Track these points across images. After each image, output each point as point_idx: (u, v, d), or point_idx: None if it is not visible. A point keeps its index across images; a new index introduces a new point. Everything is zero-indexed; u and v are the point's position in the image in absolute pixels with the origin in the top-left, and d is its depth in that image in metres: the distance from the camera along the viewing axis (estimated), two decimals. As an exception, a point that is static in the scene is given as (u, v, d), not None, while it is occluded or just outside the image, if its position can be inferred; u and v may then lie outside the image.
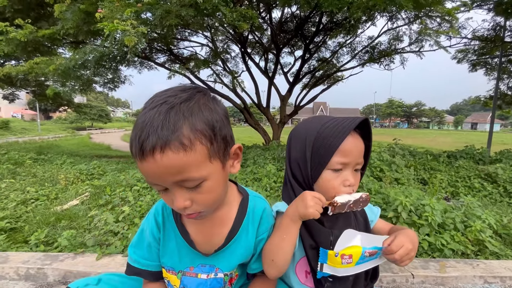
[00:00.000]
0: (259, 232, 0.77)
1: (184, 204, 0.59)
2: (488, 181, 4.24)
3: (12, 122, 24.49)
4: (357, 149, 0.78)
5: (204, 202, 0.61)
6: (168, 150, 0.52)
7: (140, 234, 0.79)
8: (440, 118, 74.91)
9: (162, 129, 0.52)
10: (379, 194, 2.75)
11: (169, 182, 0.56)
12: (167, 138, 0.52)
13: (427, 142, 20.24)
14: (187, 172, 0.55)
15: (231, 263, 0.76)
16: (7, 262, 1.62)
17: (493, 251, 1.97)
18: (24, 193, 3.13)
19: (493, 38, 8.43)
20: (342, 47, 9.21)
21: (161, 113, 0.53)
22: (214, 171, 0.60)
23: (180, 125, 0.53)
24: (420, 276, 1.57)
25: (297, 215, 0.70)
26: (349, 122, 0.76)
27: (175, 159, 0.53)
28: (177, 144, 0.52)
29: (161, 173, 0.54)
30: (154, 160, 0.52)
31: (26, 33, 4.83)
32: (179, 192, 0.58)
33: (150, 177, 0.57)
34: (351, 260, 0.68)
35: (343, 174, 0.76)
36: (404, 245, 0.68)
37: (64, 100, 11.00)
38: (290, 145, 0.86)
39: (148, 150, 0.52)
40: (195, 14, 4.13)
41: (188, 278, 0.75)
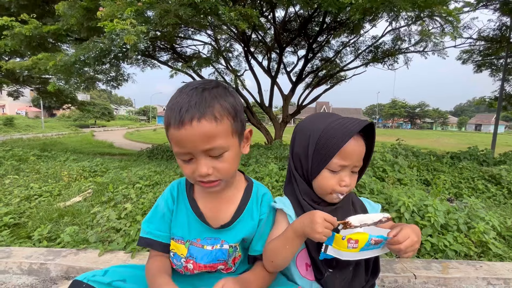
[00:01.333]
0: (261, 213, 0.86)
1: (207, 171, 0.69)
2: (492, 182, 4.20)
3: (16, 119, 24.70)
4: (358, 152, 0.79)
5: (223, 171, 0.72)
6: (204, 120, 0.65)
7: (155, 209, 0.87)
8: (443, 119, 74.37)
9: (200, 104, 0.66)
10: (381, 195, 2.74)
11: (198, 149, 0.67)
12: (204, 111, 0.66)
13: (430, 143, 20.11)
14: (216, 140, 0.67)
15: (237, 236, 0.83)
16: (11, 257, 1.63)
17: (497, 253, 1.95)
18: (28, 189, 3.15)
19: (499, 38, 8.34)
20: (346, 47, 9.17)
21: (198, 94, 0.68)
22: (234, 144, 0.73)
23: (213, 103, 0.68)
24: (422, 277, 1.56)
25: (302, 232, 0.70)
26: (353, 125, 0.76)
27: (208, 128, 0.66)
28: (211, 116, 0.66)
29: (195, 140, 0.66)
30: (192, 127, 0.65)
31: (31, 28, 4.86)
32: (204, 160, 0.69)
33: (183, 144, 0.67)
34: (356, 245, 0.69)
35: (341, 174, 0.79)
36: (410, 237, 0.68)
37: (67, 98, 11.06)
38: (294, 139, 0.88)
39: (187, 120, 0.65)
40: (193, 13, 4.13)
41: (195, 247, 0.82)
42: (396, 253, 0.71)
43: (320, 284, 0.80)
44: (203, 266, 0.81)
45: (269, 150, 6.06)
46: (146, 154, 8.15)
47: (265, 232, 0.85)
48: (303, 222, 0.70)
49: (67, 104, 12.26)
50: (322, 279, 0.79)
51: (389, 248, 0.71)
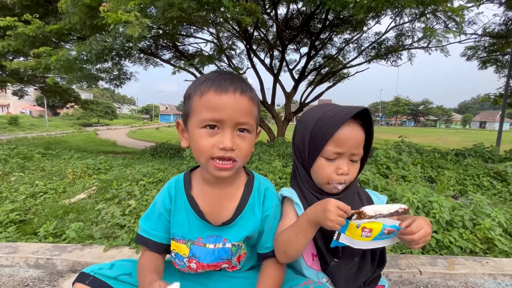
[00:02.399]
0: (264, 209, 0.83)
1: (232, 145, 0.69)
2: (498, 179, 4.16)
3: (20, 118, 24.93)
4: (354, 139, 0.77)
5: (243, 151, 0.72)
6: (246, 95, 0.70)
7: (152, 207, 0.86)
8: (447, 116, 73.75)
9: (242, 83, 0.72)
10: (385, 191, 2.72)
11: (233, 120, 0.69)
12: (246, 89, 0.72)
13: (434, 141, 19.96)
14: (249, 118, 0.71)
15: (239, 234, 0.81)
16: (17, 252, 1.65)
17: (503, 250, 1.93)
18: (33, 186, 3.18)
19: (504, 33, 8.22)
20: (349, 44, 9.10)
21: (235, 77, 0.73)
22: (254, 132, 0.76)
23: (250, 88, 0.74)
24: (427, 273, 1.56)
25: (315, 221, 0.69)
26: (346, 112, 0.75)
27: (248, 103, 0.71)
28: (251, 95, 0.72)
29: (234, 109, 0.68)
30: (234, 96, 0.68)
31: (34, 28, 4.89)
32: (231, 134, 0.70)
33: (220, 111, 0.68)
34: (370, 234, 0.69)
35: (337, 162, 0.77)
36: (423, 228, 0.69)
37: (71, 97, 11.14)
38: (294, 131, 0.89)
39: (232, 89, 0.68)
40: (197, 7, 4.12)
41: (197, 247, 0.80)
42: (407, 244, 0.70)
43: (326, 274, 0.80)
44: (206, 265, 0.80)
45: (271, 148, 6.05)
46: (149, 152, 8.19)
47: (274, 227, 0.82)
48: (316, 210, 0.69)
49: (71, 102, 12.34)
50: (328, 269, 0.79)
51: (402, 238, 0.71)
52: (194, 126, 0.70)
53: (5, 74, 8.57)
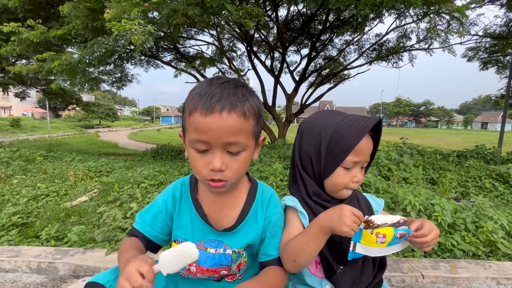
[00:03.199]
0: (267, 215, 0.82)
1: (221, 166, 0.67)
2: (500, 181, 4.14)
3: (22, 120, 25.03)
4: (368, 148, 0.81)
5: (235, 170, 0.70)
6: (234, 113, 0.64)
7: (152, 205, 0.85)
8: (449, 117, 73.55)
9: (233, 97, 0.66)
10: (387, 194, 2.71)
11: (220, 141, 0.65)
12: (235, 104, 0.65)
13: (436, 142, 19.90)
14: (239, 136, 0.66)
15: (241, 241, 0.80)
16: (20, 256, 1.65)
17: (506, 253, 1.92)
18: (35, 189, 3.19)
19: (505, 34, 8.21)
20: (349, 45, 9.11)
21: (231, 88, 0.67)
22: (251, 146, 0.72)
23: (244, 99, 0.67)
24: (430, 277, 1.55)
25: (329, 227, 0.68)
26: (365, 123, 0.77)
27: (236, 121, 0.65)
28: (241, 111, 0.66)
29: (221, 130, 0.64)
30: (221, 117, 0.63)
31: (37, 34, 4.92)
32: (220, 154, 0.67)
33: (206, 133, 0.65)
34: (384, 239, 0.69)
35: (353, 171, 0.80)
36: (434, 230, 0.71)
37: (73, 99, 11.18)
38: (301, 137, 0.86)
39: (218, 109, 0.63)
40: (201, 12, 4.14)
41: (198, 250, 0.77)
42: (418, 246, 0.72)
43: (331, 281, 0.80)
44: (206, 270, 0.79)
45: (272, 150, 6.05)
46: (150, 154, 8.20)
47: (276, 234, 0.81)
48: (331, 216, 0.68)
49: (73, 104, 12.39)
50: (334, 277, 0.78)
51: (413, 241, 0.72)
52: (188, 144, 0.70)
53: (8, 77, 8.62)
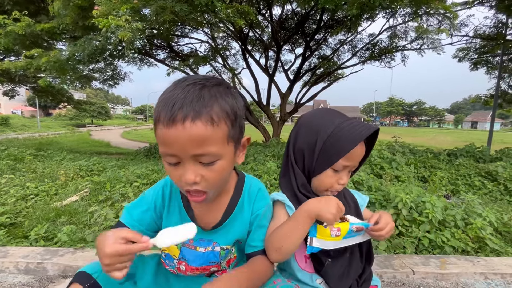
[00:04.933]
0: (254, 209, 0.81)
1: (194, 179, 0.61)
2: (489, 179, 4.24)
3: (12, 119, 24.47)
4: (361, 155, 0.83)
5: (212, 181, 0.64)
6: (199, 121, 0.57)
7: (141, 200, 0.80)
8: (440, 117, 74.85)
9: (196, 102, 0.57)
10: (379, 191, 2.74)
11: (188, 153, 0.59)
12: (199, 110, 0.57)
13: (427, 141, 20.23)
14: (208, 146, 0.59)
15: (228, 238, 0.79)
16: (7, 256, 1.61)
17: (494, 249, 1.97)
18: (24, 188, 3.12)
19: (495, 35, 8.39)
20: (343, 45, 9.17)
21: (195, 90, 0.59)
22: (228, 153, 0.65)
23: (212, 103, 0.59)
24: (420, 273, 1.57)
25: (316, 213, 0.72)
26: (362, 130, 0.77)
27: (202, 131, 0.57)
28: (207, 117, 0.58)
29: (185, 142, 0.57)
30: (184, 127, 0.56)
31: (23, 26, 4.80)
32: (192, 166, 0.61)
33: (171, 146, 0.59)
34: (339, 233, 0.74)
35: (341, 174, 0.82)
36: (389, 223, 0.78)
37: (63, 97, 10.97)
38: (297, 133, 0.86)
39: (179, 118, 0.56)
40: (190, 10, 4.12)
41: (187, 249, 0.79)
42: (375, 238, 0.80)
43: (320, 275, 0.82)
44: (195, 268, 0.79)
45: (266, 148, 6.06)
46: (143, 153, 8.12)
47: (263, 226, 0.81)
48: (319, 201, 0.73)
49: (63, 103, 12.16)
50: (323, 269, 0.80)
51: (371, 234, 0.78)
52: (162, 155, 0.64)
53: (-5, 74, 8.40)
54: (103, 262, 0.55)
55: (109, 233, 0.57)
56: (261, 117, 27.07)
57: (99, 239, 0.59)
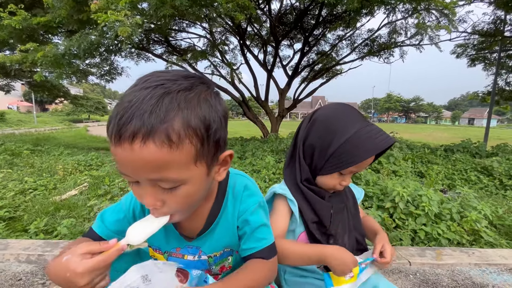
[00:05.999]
0: (240, 211, 0.71)
1: (154, 204, 0.52)
2: (484, 174, 4.29)
3: (7, 114, 24.21)
4: (369, 163, 0.82)
5: (176, 206, 0.54)
6: (151, 142, 0.44)
7: (116, 206, 0.73)
8: (437, 113, 75.18)
9: (150, 115, 0.44)
10: (377, 185, 2.77)
11: (142, 177, 0.49)
12: (152, 127, 0.44)
13: (425, 137, 20.34)
14: (166, 172, 0.48)
15: (214, 245, 0.72)
16: (7, 249, 1.62)
17: (488, 241, 2.01)
18: (22, 183, 3.12)
19: (493, 32, 8.40)
20: (342, 40, 9.14)
21: (153, 97, 0.45)
22: (197, 175, 0.52)
23: (173, 116, 0.45)
24: (416, 264, 1.60)
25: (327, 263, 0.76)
26: (380, 141, 0.75)
27: (155, 154, 0.45)
28: (163, 137, 0.44)
29: (136, 166, 0.47)
30: (132, 149, 0.44)
31: (19, 20, 4.74)
32: (151, 190, 0.51)
33: (122, 167, 0.49)
34: (352, 274, 0.77)
35: (345, 176, 0.82)
36: (393, 254, 0.83)
37: (60, 92, 10.87)
38: (311, 127, 0.83)
39: (127, 135, 0.44)
40: (189, 4, 4.08)
41: (174, 258, 0.73)
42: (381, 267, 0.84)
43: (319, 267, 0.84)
44: None
45: (265, 144, 6.07)
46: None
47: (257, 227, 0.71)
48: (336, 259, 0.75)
49: (60, 98, 12.06)
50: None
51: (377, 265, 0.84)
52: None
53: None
54: (79, 283, 0.46)
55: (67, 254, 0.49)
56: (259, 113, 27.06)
57: (54, 266, 0.50)
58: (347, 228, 0.87)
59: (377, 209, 2.37)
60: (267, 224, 0.73)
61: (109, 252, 0.50)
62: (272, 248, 0.71)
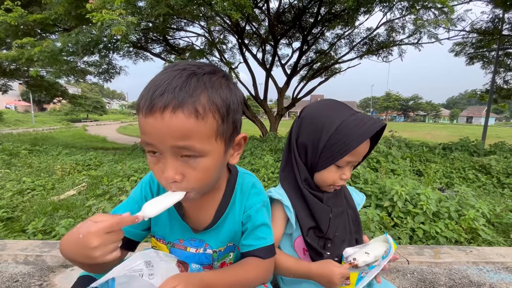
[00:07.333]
0: (246, 207, 0.74)
1: (174, 177, 0.55)
2: (482, 172, 4.31)
3: (5, 114, 24.11)
4: (365, 151, 0.81)
5: (195, 181, 0.57)
6: (180, 112, 0.50)
7: (128, 201, 0.75)
8: (436, 111, 75.34)
9: (180, 90, 0.51)
10: (375, 184, 2.78)
11: (168, 145, 0.52)
12: (183, 99, 0.50)
13: (423, 136, 20.40)
14: (191, 141, 0.52)
15: (221, 240, 0.74)
16: (5, 249, 1.61)
17: (486, 239, 2.02)
18: (20, 183, 3.11)
19: (491, 31, 8.42)
20: (340, 39, 9.14)
21: (183, 76, 0.53)
22: (216, 151, 0.57)
23: (199, 92, 0.52)
24: (414, 262, 1.61)
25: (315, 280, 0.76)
26: (369, 127, 0.75)
27: (184, 123, 0.51)
28: (191, 109, 0.51)
29: (164, 134, 0.51)
30: (162, 118, 0.50)
31: (16, 16, 4.70)
32: (173, 161, 0.54)
33: (150, 135, 0.53)
34: (349, 281, 0.75)
35: (344, 169, 0.80)
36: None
37: (58, 91, 10.82)
38: (300, 126, 0.84)
39: (159, 106, 0.50)
40: (185, 2, 4.07)
41: (177, 250, 0.74)
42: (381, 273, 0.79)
43: None
44: None
45: (263, 143, 6.07)
46: (140, 147, 8.07)
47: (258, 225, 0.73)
48: (323, 276, 0.75)
49: (58, 97, 12.00)
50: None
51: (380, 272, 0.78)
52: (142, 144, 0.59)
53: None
54: (92, 244, 0.46)
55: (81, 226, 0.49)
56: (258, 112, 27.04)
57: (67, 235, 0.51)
58: (348, 231, 0.86)
59: (376, 208, 2.37)
60: (268, 224, 0.75)
61: (123, 216, 0.51)
62: (271, 249, 0.73)
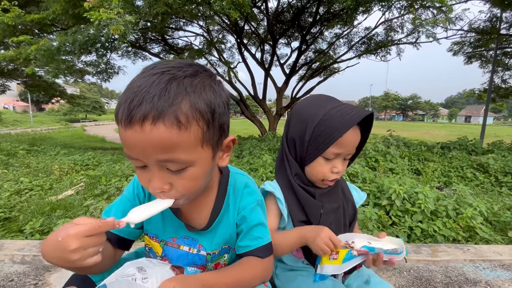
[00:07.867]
0: (240, 208, 0.73)
1: (162, 187, 0.53)
2: (480, 171, 4.32)
3: (3, 114, 24.03)
4: (354, 141, 0.79)
5: (183, 189, 0.56)
6: (161, 123, 0.46)
7: (121, 200, 0.73)
8: (435, 111, 75.53)
9: (159, 98, 0.46)
10: (373, 183, 2.78)
11: (151, 159, 0.50)
12: (162, 109, 0.46)
13: (422, 135, 20.43)
14: (175, 153, 0.49)
15: (215, 243, 0.73)
16: (2, 249, 1.61)
17: (483, 237, 2.02)
18: (18, 183, 3.10)
19: (489, 30, 8.44)
20: (339, 38, 9.15)
21: (161, 82, 0.48)
22: (203, 158, 0.55)
23: (180, 99, 0.48)
24: (412, 261, 1.61)
25: (305, 241, 0.76)
26: (352, 116, 0.74)
27: (165, 135, 0.47)
28: (172, 119, 0.47)
29: (146, 147, 0.48)
30: (142, 130, 0.46)
31: (13, 16, 4.68)
32: (159, 173, 0.52)
33: (131, 149, 0.50)
34: (336, 256, 0.73)
35: (333, 162, 0.79)
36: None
37: (56, 91, 10.79)
38: (289, 122, 0.85)
39: (137, 118, 0.46)
40: (183, 2, 4.06)
41: (170, 248, 0.73)
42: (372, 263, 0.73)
43: (310, 261, 0.85)
44: None
45: (262, 142, 6.07)
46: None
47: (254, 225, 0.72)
48: (310, 232, 0.75)
49: (56, 97, 11.97)
50: (313, 257, 0.82)
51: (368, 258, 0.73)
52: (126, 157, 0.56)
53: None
54: (70, 247, 0.45)
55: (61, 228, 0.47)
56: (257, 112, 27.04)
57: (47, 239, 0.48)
58: (342, 228, 0.86)
59: (374, 206, 2.38)
60: (264, 223, 0.74)
61: (105, 221, 0.49)
62: (268, 248, 0.72)
